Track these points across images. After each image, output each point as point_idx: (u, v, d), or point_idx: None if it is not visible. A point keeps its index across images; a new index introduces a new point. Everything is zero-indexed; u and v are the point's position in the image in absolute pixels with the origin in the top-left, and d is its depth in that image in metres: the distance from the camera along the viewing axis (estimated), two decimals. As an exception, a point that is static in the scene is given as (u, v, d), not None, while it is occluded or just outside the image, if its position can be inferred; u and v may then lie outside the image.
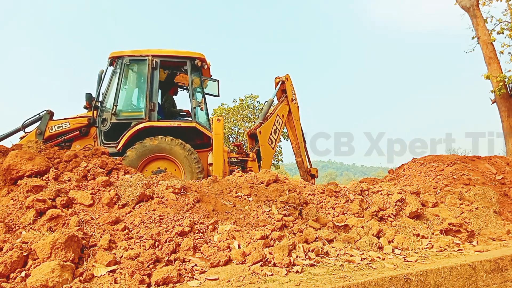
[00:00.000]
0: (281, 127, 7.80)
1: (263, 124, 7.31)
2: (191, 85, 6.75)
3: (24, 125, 6.31)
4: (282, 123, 7.77)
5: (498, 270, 3.30)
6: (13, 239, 2.76)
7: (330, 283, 2.49)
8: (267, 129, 7.31)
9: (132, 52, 6.55)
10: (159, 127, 6.29)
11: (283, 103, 7.86)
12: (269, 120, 7.42)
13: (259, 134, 7.13)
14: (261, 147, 7.13)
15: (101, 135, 6.32)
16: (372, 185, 5.32)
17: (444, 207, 4.84)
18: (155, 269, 2.60)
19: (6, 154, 3.97)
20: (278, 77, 8.10)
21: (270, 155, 7.33)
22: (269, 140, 7.32)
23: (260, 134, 7.15)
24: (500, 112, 9.98)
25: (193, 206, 3.58)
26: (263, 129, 7.24)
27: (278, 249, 2.97)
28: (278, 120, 7.62)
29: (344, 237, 3.58)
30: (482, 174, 6.20)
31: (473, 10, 10.23)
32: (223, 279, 2.59)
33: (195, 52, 6.82)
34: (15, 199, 3.31)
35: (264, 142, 7.19)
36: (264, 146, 7.17)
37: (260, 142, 7.13)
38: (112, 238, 2.92)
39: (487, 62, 10.08)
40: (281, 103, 7.84)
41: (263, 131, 7.23)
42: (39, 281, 2.23)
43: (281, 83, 7.99)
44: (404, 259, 3.27)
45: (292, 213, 3.83)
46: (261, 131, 7.20)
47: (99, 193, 3.55)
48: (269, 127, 7.37)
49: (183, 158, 6.09)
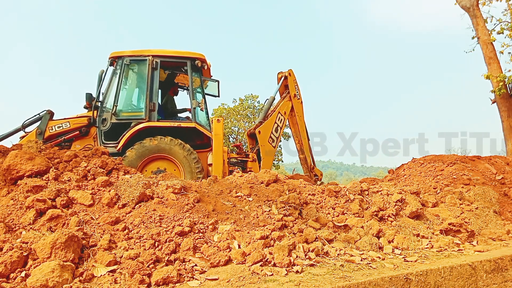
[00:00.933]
0: (283, 125, 7.60)
1: (263, 123, 7.24)
2: (191, 86, 6.75)
3: (24, 125, 6.32)
4: (284, 120, 7.60)
5: (498, 270, 3.30)
6: (13, 239, 2.76)
7: (330, 283, 2.49)
8: (267, 128, 7.22)
9: (133, 52, 6.55)
10: (159, 127, 6.29)
11: (285, 99, 7.70)
12: (269, 119, 7.32)
13: (259, 134, 7.07)
14: (261, 147, 7.06)
15: (101, 135, 6.33)
16: (372, 185, 5.32)
17: (444, 207, 4.84)
18: (155, 269, 2.60)
19: (6, 154, 3.97)
20: (280, 72, 7.94)
21: (271, 154, 7.22)
22: (269, 139, 7.21)
23: (259, 134, 7.08)
24: (500, 112, 9.98)
25: (193, 206, 3.58)
26: (262, 128, 7.17)
27: (278, 249, 2.97)
28: (279, 118, 7.47)
29: (344, 237, 3.58)
30: (482, 174, 6.20)
31: (473, 10, 10.23)
32: (223, 279, 2.59)
33: (195, 53, 6.83)
34: (15, 199, 3.31)
35: (264, 142, 7.11)
36: (264, 145, 7.09)
37: (259, 142, 7.07)
38: (112, 238, 2.92)
39: (487, 62, 10.08)
40: (283, 100, 7.69)
41: (263, 131, 7.15)
42: (39, 281, 2.23)
43: (283, 79, 7.83)
44: (404, 259, 3.27)
45: (292, 213, 3.83)
46: (261, 130, 7.12)
47: (99, 193, 3.55)
48: (269, 125, 7.27)
49: (182, 158, 6.09)
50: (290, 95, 7.76)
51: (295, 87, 7.90)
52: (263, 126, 7.21)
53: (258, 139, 7.08)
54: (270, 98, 7.72)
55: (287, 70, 7.86)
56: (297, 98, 7.92)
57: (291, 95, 7.77)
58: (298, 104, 7.97)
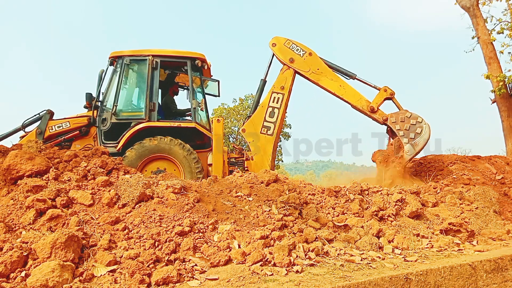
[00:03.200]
0: (284, 104, 6.73)
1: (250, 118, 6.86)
2: (191, 85, 6.74)
3: (24, 125, 6.31)
4: (284, 97, 6.71)
5: (498, 270, 3.30)
6: (13, 239, 2.76)
7: (330, 283, 2.49)
8: (256, 120, 6.76)
9: (133, 52, 6.55)
10: (159, 127, 6.29)
11: (280, 73, 6.82)
12: (258, 108, 6.82)
13: (243, 133, 6.76)
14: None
15: (101, 135, 6.32)
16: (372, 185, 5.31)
17: (444, 207, 4.84)
18: (155, 269, 2.60)
19: (6, 154, 3.97)
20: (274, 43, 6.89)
21: (266, 146, 6.64)
22: (263, 129, 6.66)
23: (244, 133, 6.75)
24: (500, 112, 9.97)
25: (193, 206, 3.57)
26: (247, 125, 6.79)
27: (278, 249, 2.97)
28: (275, 98, 6.72)
29: (344, 237, 3.58)
30: (482, 173, 6.20)
31: (473, 9, 10.22)
32: (223, 279, 2.59)
33: (195, 52, 6.81)
34: (15, 199, 3.31)
35: (254, 136, 6.64)
36: (255, 139, 6.62)
37: (246, 139, 6.77)
38: (112, 238, 2.92)
39: (487, 62, 10.07)
40: (280, 73, 6.83)
41: (248, 127, 6.75)
42: (39, 281, 2.23)
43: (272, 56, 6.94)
44: (404, 259, 3.27)
45: (292, 213, 3.83)
46: (245, 128, 6.77)
47: (99, 193, 3.55)
48: (259, 116, 6.75)
49: (182, 158, 6.09)
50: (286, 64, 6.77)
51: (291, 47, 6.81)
52: (249, 121, 6.81)
53: (244, 137, 6.82)
54: (260, 82, 7.00)
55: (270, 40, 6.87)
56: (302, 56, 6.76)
57: (285, 62, 6.76)
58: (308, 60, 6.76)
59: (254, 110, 6.98)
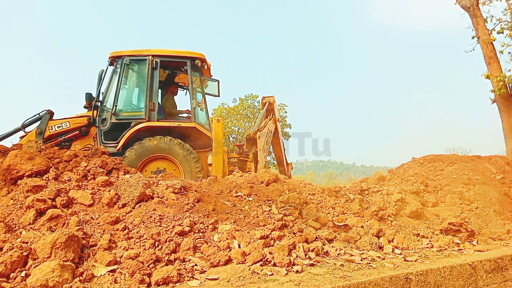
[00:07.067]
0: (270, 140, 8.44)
1: (260, 131, 7.70)
2: (191, 85, 6.74)
3: (24, 125, 6.31)
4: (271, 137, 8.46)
5: (498, 270, 3.30)
6: (13, 239, 2.75)
7: (330, 283, 2.49)
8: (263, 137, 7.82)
9: (132, 52, 6.55)
10: (159, 127, 6.29)
11: (271, 120, 8.50)
12: (264, 130, 7.93)
13: (259, 139, 7.46)
14: (259, 151, 7.38)
15: (101, 135, 6.32)
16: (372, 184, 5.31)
17: (444, 206, 4.84)
18: (155, 269, 2.60)
19: (6, 154, 3.97)
20: (264, 97, 8.95)
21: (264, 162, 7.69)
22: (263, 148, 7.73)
23: (259, 139, 7.49)
24: (500, 112, 9.96)
25: (193, 206, 3.57)
26: (262, 135, 7.65)
27: (278, 248, 2.97)
28: (268, 134, 8.31)
29: (344, 237, 3.58)
30: (482, 173, 6.20)
31: (473, 9, 10.21)
32: (223, 279, 2.59)
33: (195, 52, 6.82)
34: (15, 199, 3.31)
35: (261, 147, 7.59)
36: (261, 151, 7.52)
37: (258, 147, 7.42)
38: (112, 238, 2.92)
39: (487, 61, 10.05)
40: (270, 121, 8.48)
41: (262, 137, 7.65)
42: (39, 281, 2.23)
43: (268, 104, 8.80)
44: (404, 258, 3.27)
45: (292, 212, 3.83)
46: (260, 136, 7.56)
47: (99, 193, 3.55)
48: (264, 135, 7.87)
49: (182, 158, 6.09)
50: (275, 118, 8.67)
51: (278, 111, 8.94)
52: (262, 133, 7.72)
53: (257, 143, 7.48)
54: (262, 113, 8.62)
55: (271, 97, 8.88)
56: (279, 122, 9.13)
57: (276, 118, 8.70)
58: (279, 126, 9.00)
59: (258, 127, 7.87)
